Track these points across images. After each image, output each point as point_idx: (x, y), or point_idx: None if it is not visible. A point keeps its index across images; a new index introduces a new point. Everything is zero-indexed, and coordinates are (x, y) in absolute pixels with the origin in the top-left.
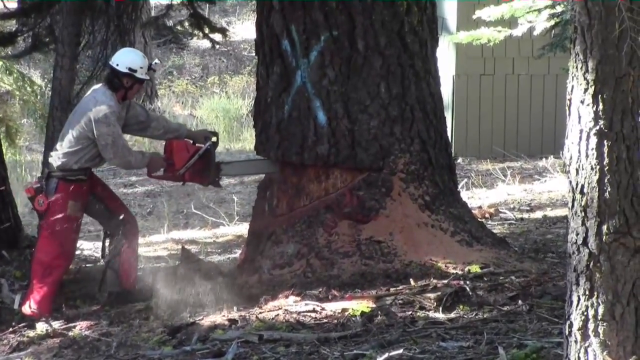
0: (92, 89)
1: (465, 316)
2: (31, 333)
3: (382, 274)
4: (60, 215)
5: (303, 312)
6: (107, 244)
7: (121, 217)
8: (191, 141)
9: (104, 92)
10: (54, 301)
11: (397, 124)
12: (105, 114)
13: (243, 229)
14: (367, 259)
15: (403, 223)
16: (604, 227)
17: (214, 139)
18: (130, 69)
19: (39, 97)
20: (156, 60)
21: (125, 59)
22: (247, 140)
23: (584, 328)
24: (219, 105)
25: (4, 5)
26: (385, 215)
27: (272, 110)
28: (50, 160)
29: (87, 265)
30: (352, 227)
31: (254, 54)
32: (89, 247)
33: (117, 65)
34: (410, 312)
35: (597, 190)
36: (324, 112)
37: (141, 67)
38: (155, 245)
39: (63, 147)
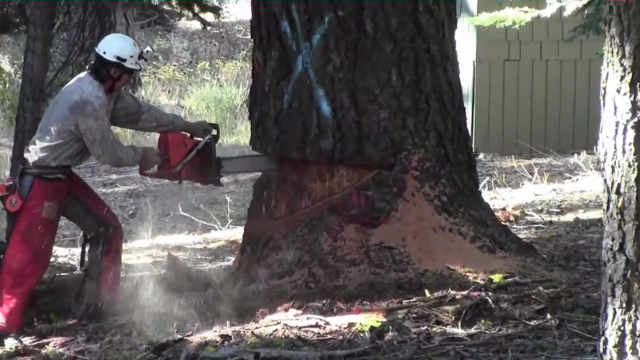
0: (76, 78)
1: (487, 332)
2: None
3: (393, 284)
4: (34, 218)
5: (305, 327)
6: (86, 249)
7: (104, 219)
8: (188, 134)
9: (91, 82)
10: (25, 314)
11: (411, 116)
12: (93, 106)
13: (237, 233)
14: (377, 268)
15: (417, 227)
16: None
17: (214, 132)
18: (118, 57)
19: (7, 85)
20: (148, 48)
21: (113, 46)
22: (242, 134)
23: (620, 345)
24: (209, 95)
25: None
26: (396, 218)
27: (269, 100)
28: (26, 155)
29: (62, 274)
30: (359, 232)
31: (249, 37)
32: (64, 254)
33: (104, 53)
34: (425, 327)
35: (635, 190)
36: (328, 102)
37: (131, 56)
38: (138, 251)
39: (41, 141)
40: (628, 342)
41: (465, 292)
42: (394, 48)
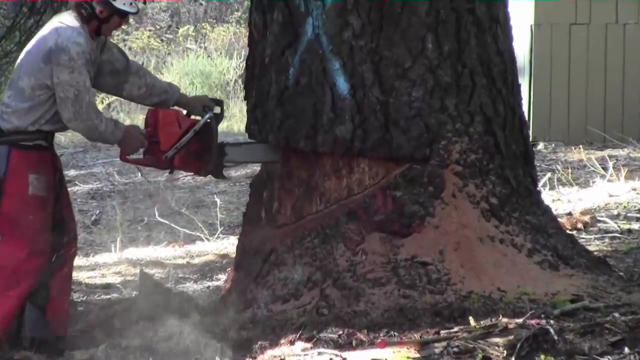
0: (55, 17)
1: None
2: None
3: (428, 310)
4: (20, 198)
5: None
6: None
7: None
8: (184, 111)
9: (71, 22)
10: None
11: (451, 95)
12: (69, 54)
13: (229, 245)
14: (408, 289)
15: (459, 236)
16: None
17: (216, 109)
18: None
19: None
20: None
21: None
22: (236, 118)
23: None
24: (195, 67)
25: None
26: (433, 226)
27: (271, 74)
28: None
29: None
30: (385, 243)
31: None
32: None
33: None
34: None
35: None
36: (346, 78)
37: None
38: (102, 268)
39: (13, 101)
40: None
41: (520, 320)
42: (429, 8)
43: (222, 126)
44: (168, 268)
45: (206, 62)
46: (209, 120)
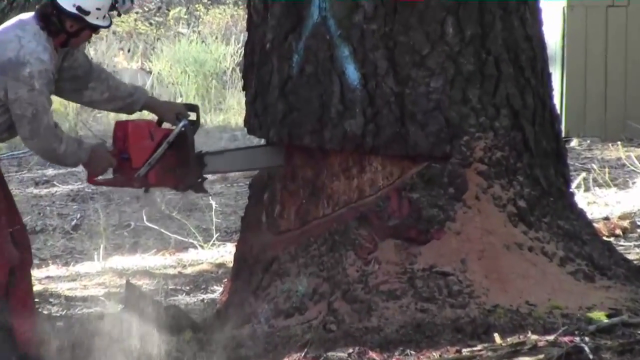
0: (17, 20)
1: None
2: None
3: (449, 326)
4: None
5: None
6: None
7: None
8: (156, 119)
9: (36, 34)
10: None
11: (474, 85)
12: (31, 71)
13: (226, 253)
14: (426, 302)
15: (483, 244)
16: None
17: (191, 115)
18: (79, 9)
19: None
20: None
21: None
22: (233, 110)
23: None
24: (187, 55)
25: None
26: (454, 232)
27: (272, 62)
28: None
29: None
30: (401, 251)
31: None
32: None
33: None
34: None
35: None
36: (357, 66)
37: (98, 9)
38: (84, 278)
39: None
40: None
41: (551, 337)
42: None
43: (218, 119)
44: (157, 279)
45: (200, 48)
46: (183, 129)
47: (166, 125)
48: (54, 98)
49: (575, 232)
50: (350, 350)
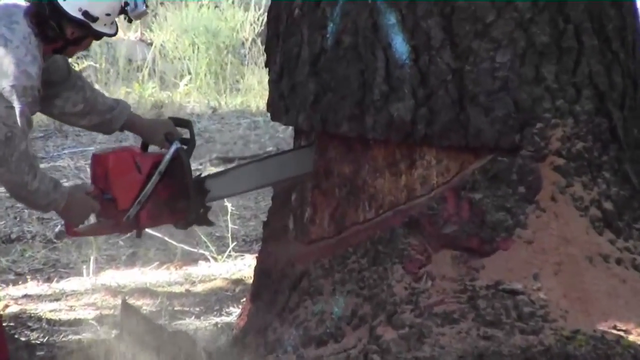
0: (3, 8)
1: None
2: None
3: (519, 356)
4: None
5: None
6: None
7: None
8: (139, 144)
9: (26, 38)
10: None
11: (549, 60)
12: (15, 86)
13: (244, 266)
14: (490, 327)
15: (560, 255)
16: None
17: (182, 133)
18: (86, 14)
19: None
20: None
21: None
22: (253, 91)
23: None
24: (197, 23)
25: None
26: (525, 241)
27: (302, 32)
28: None
29: None
30: (459, 264)
31: None
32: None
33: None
34: None
35: None
36: (405, 37)
37: (107, 14)
38: (71, 297)
39: None
40: None
41: None
42: None
43: (234, 102)
44: (160, 298)
45: (212, 15)
46: (176, 153)
47: (152, 147)
48: None
49: None
50: None
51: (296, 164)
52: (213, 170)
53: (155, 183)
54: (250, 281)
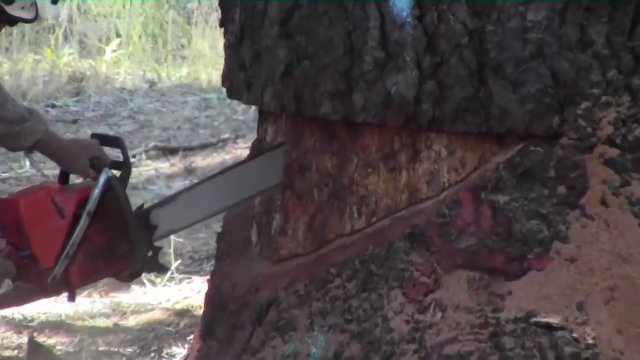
0: None
1: None
2: None
3: None
4: None
5: None
6: None
7: None
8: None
9: None
10: None
11: (597, 20)
12: None
13: (191, 292)
14: None
15: (614, 278)
16: None
17: (110, 155)
18: None
19: None
20: None
21: None
22: (203, 59)
23: None
24: None
25: None
26: (566, 258)
27: None
28: None
29: None
30: (478, 289)
31: None
32: None
33: None
34: None
35: None
36: None
37: None
38: None
39: None
40: None
41: None
42: None
43: (178, 74)
44: (80, 334)
45: None
46: (106, 183)
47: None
48: None
49: None
50: None
51: (273, 171)
52: (149, 164)
53: (84, 228)
54: (200, 312)
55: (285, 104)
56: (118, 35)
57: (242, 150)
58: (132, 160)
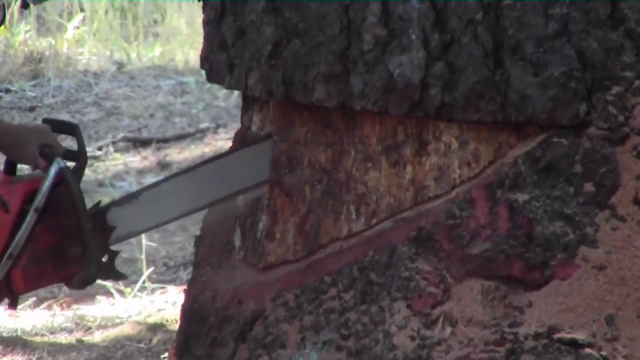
0: None
1: None
2: None
3: None
4: None
5: None
6: None
7: None
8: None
9: None
10: None
11: None
12: None
13: (165, 304)
14: None
15: None
16: None
17: (63, 144)
18: None
19: None
20: None
21: None
22: (179, 38)
23: None
24: None
25: None
26: (594, 265)
27: None
28: None
29: None
30: (494, 301)
31: None
32: None
33: None
34: None
35: None
36: None
37: None
38: None
39: None
40: None
41: None
42: None
43: (150, 53)
44: (38, 353)
45: None
46: (58, 175)
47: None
48: None
49: None
50: None
51: (258, 165)
52: (118, 158)
53: (31, 226)
54: (175, 326)
55: (273, 88)
56: (82, 10)
57: (223, 141)
58: (98, 153)
